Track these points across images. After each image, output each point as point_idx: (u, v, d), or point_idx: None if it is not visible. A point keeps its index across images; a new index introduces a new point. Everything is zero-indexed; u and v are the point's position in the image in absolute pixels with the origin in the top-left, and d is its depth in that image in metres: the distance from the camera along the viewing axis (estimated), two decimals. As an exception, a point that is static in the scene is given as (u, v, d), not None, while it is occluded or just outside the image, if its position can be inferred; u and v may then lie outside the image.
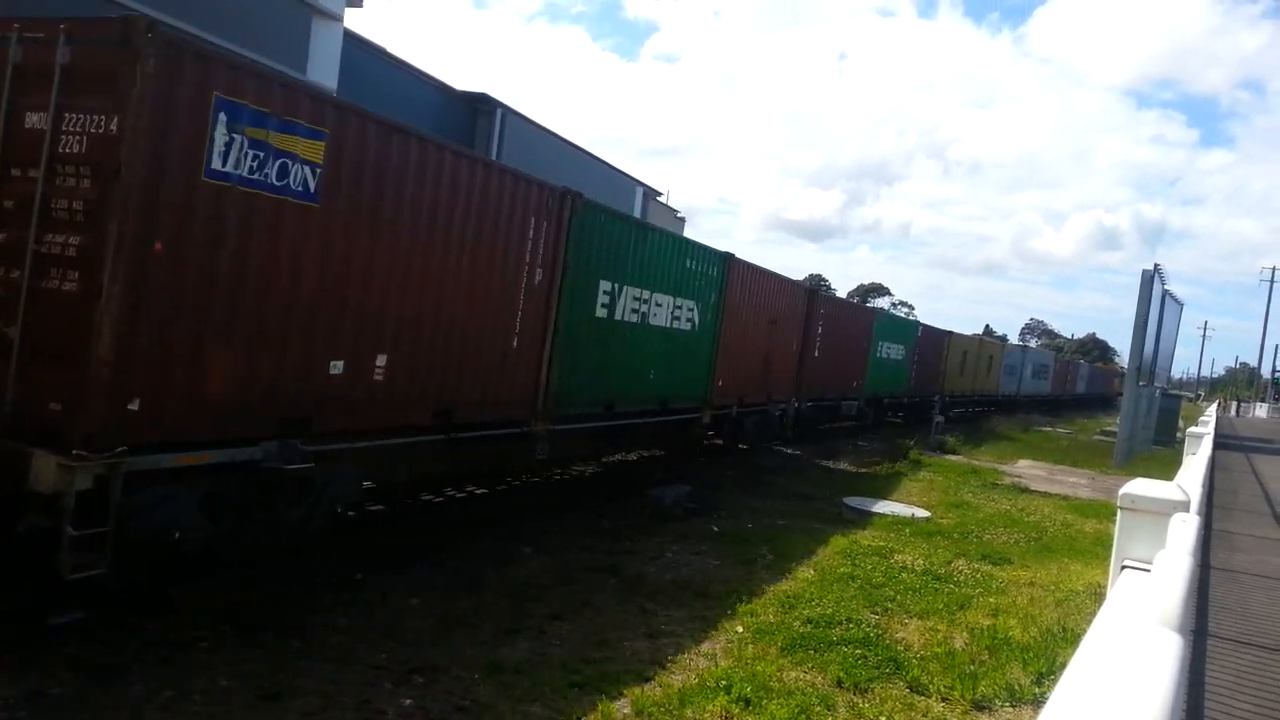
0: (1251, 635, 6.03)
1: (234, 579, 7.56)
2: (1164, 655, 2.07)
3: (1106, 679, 1.98)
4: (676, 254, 13.92)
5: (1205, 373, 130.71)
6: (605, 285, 11.84)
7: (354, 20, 20.02)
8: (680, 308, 14.10)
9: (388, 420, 8.31)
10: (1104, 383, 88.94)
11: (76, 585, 6.98)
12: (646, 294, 12.89)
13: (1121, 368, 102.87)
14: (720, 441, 17.69)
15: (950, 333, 35.79)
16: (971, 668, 7.21)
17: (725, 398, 16.19)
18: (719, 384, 15.72)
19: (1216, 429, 22.33)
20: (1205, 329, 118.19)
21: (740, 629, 7.70)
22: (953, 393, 35.41)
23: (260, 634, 6.60)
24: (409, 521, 10.46)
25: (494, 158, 23.07)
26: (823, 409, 22.68)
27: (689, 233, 45.25)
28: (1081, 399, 74.06)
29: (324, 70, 17.85)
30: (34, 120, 5.94)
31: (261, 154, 6.58)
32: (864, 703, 6.43)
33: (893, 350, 28.22)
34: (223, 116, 6.22)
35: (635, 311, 12.61)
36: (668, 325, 13.73)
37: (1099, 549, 12.01)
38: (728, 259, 15.80)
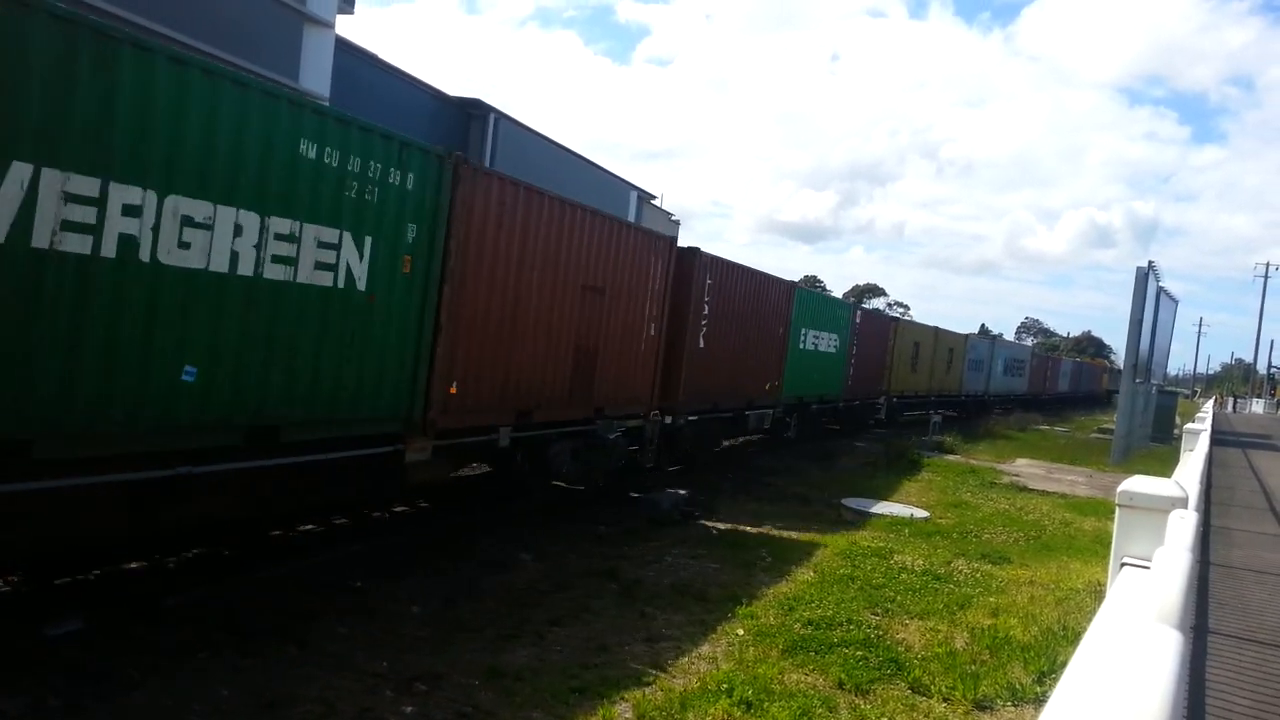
0: (1252, 631, 6.03)
1: (229, 586, 7.54)
2: (1164, 652, 2.06)
3: (1108, 677, 1.98)
4: (265, 123, 6.67)
5: (1201, 369, 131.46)
6: None
7: (345, 27, 20.00)
8: (301, 240, 7.03)
9: None
10: (1092, 379, 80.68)
11: (72, 593, 6.98)
12: (137, 195, 5.80)
13: (1110, 363, 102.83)
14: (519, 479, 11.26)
15: (897, 319, 30.59)
16: (973, 668, 7.21)
17: (469, 414, 9.31)
18: (451, 392, 8.87)
19: (1213, 425, 22.38)
20: (1200, 325, 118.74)
21: (740, 632, 7.69)
22: (903, 393, 30.18)
23: (258, 642, 6.58)
24: (406, 528, 10.43)
25: (488, 164, 23.09)
26: (717, 423, 16.50)
27: (684, 235, 44.83)
28: (1065, 398, 66.15)
29: (316, 77, 17.86)
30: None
31: None
32: (866, 704, 6.42)
33: (822, 340, 21.57)
34: None
35: (82, 229, 5.54)
36: (248, 272, 6.62)
37: (1098, 547, 12.01)
38: (447, 163, 8.52)
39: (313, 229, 7.19)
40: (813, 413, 22.46)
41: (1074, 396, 69.96)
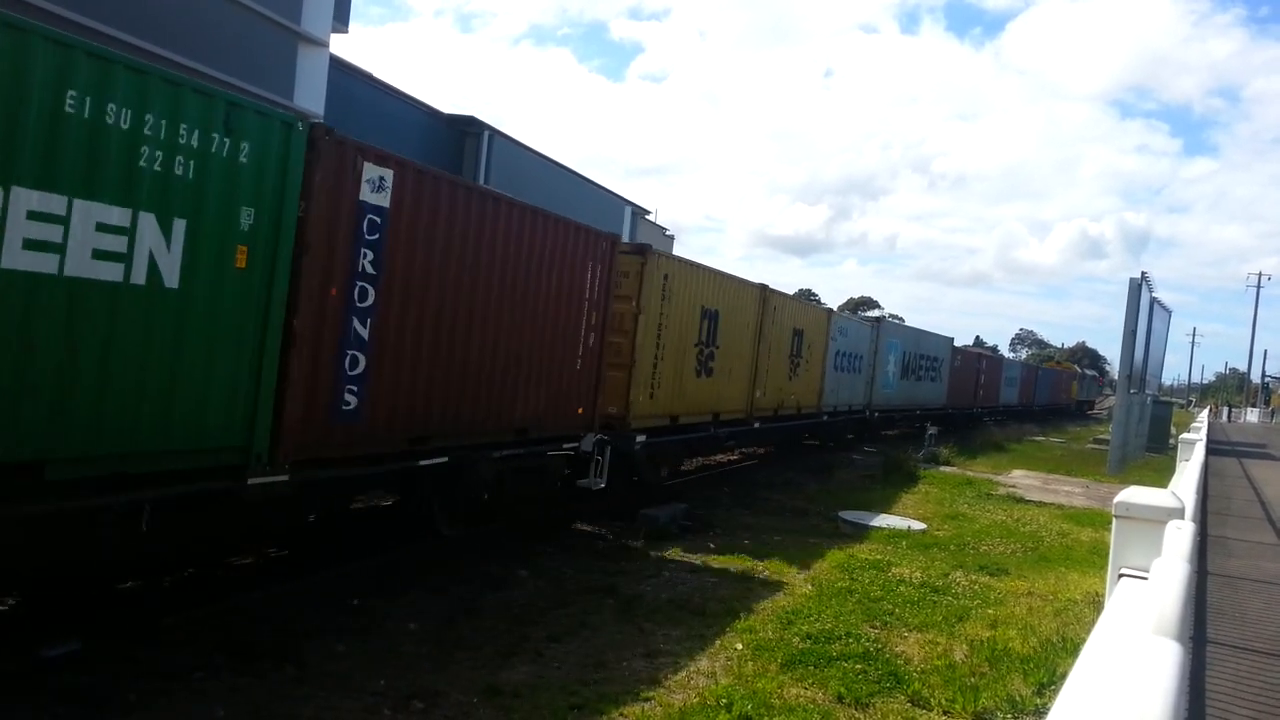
0: (1250, 640, 6.04)
1: (227, 606, 7.51)
2: (1164, 664, 2.07)
3: (1108, 689, 1.99)
4: None
5: (1195, 379, 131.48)
6: None
7: (340, 46, 20.07)
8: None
9: None
10: (1056, 388, 61.88)
11: (69, 613, 6.95)
12: None
13: (1105, 372, 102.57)
14: None
15: (653, 249, 12.91)
16: (972, 680, 7.19)
17: None
18: None
19: (1208, 435, 22.42)
20: (1194, 335, 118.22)
21: (739, 646, 7.67)
22: (678, 417, 14.17)
23: (256, 661, 6.54)
24: (403, 545, 10.39)
25: (483, 181, 23.14)
26: None
27: (679, 249, 45.00)
28: (1014, 414, 47.40)
29: (310, 96, 17.90)
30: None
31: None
32: (865, 717, 6.41)
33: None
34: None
35: None
36: None
37: (1096, 557, 12.02)
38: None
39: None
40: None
41: (1027, 411, 50.32)
